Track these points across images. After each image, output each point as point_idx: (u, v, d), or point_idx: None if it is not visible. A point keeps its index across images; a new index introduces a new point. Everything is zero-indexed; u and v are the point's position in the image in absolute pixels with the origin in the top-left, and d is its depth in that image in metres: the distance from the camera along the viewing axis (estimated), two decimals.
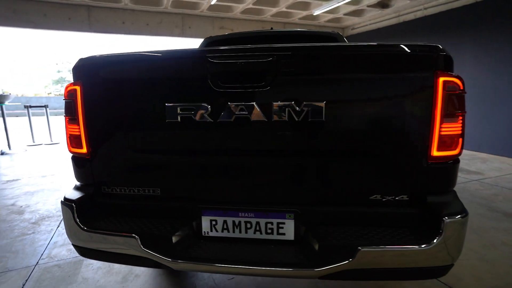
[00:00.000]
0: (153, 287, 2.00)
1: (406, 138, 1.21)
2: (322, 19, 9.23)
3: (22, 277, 2.12)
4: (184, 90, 1.24)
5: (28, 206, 3.45)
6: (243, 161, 1.30)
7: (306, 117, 1.16)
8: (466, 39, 6.50)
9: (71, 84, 1.36)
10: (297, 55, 1.19)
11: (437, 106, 1.15)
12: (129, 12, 7.66)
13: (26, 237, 2.72)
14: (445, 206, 1.19)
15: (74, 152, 1.44)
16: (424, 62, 1.16)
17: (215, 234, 1.35)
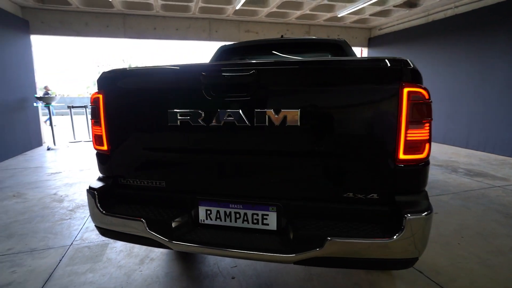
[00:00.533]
0: (165, 270, 2.27)
1: (376, 142, 1.34)
2: (347, 20, 9.16)
3: (59, 254, 2.49)
4: (182, 98, 1.47)
5: (67, 196, 3.92)
6: (231, 159, 1.51)
7: (283, 123, 1.34)
8: (499, 38, 6.18)
9: (96, 92, 1.65)
10: (275, 70, 1.37)
11: (402, 114, 1.27)
12: (160, 18, 8.16)
13: (64, 222, 3.13)
14: (410, 204, 1.31)
15: (97, 149, 1.73)
16: (391, 74, 1.28)
17: (210, 222, 1.57)
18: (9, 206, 3.56)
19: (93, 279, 2.15)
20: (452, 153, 6.48)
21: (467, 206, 3.42)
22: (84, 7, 7.27)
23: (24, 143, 6.81)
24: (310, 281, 2.11)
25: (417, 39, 8.30)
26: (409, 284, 2.06)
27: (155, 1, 6.98)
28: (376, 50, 10.06)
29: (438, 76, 7.67)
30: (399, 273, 2.19)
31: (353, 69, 1.34)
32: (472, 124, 6.85)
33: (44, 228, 2.97)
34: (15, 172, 5.09)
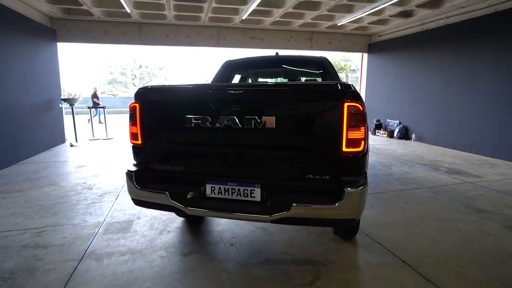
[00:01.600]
0: (179, 238, 2.90)
1: (327, 139, 1.94)
2: (348, 27, 9.70)
3: (95, 227, 3.15)
4: (196, 108, 2.10)
5: (94, 185, 4.61)
6: (230, 151, 2.13)
7: (264, 126, 1.96)
8: (485, 46, 6.66)
9: (134, 102, 2.29)
10: (257, 90, 1.99)
11: (344, 120, 1.87)
12: (173, 26, 8.86)
13: (95, 204, 3.81)
14: (350, 182, 1.90)
15: (133, 143, 2.37)
16: (337, 94, 1.88)
17: (214, 195, 2.20)
18: (49, 192, 4.26)
19: (124, 243, 2.81)
20: (440, 153, 6.98)
21: (436, 198, 3.98)
22: (105, 17, 8.01)
23: (50, 140, 7.57)
24: (291, 248, 2.72)
25: (413, 46, 8.79)
26: (368, 251, 2.64)
27: (169, 12, 7.67)
28: (375, 55, 10.57)
29: (432, 82, 8.16)
30: (362, 243, 2.78)
31: (313, 90, 1.95)
32: (461, 127, 7.34)
33: (80, 209, 3.65)
34: (47, 165, 5.82)
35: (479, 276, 2.28)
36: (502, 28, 6.34)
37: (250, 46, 9.65)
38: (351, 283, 2.21)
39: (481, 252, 2.63)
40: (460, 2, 6.79)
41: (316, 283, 2.20)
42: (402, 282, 2.21)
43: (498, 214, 3.46)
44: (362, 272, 2.35)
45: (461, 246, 2.73)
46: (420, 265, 2.43)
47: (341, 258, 2.53)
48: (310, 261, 2.50)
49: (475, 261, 2.50)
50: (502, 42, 6.33)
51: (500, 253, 2.63)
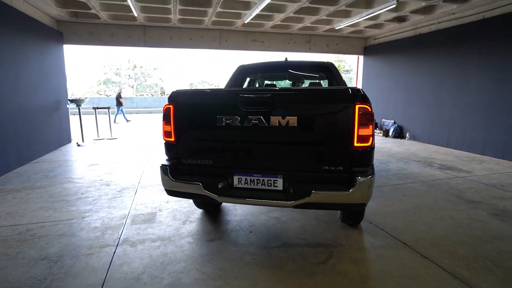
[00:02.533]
0: (202, 227, 3.21)
1: (341, 136, 2.28)
2: (345, 31, 10.09)
3: (122, 218, 3.44)
4: (227, 109, 2.41)
5: (111, 181, 4.87)
6: (256, 147, 2.45)
7: (287, 124, 2.28)
8: (474, 50, 7.11)
9: (168, 104, 2.59)
10: (282, 94, 2.32)
11: (356, 120, 2.21)
12: (176, 29, 9.13)
13: (117, 199, 4.09)
14: (360, 172, 2.24)
15: (166, 140, 2.67)
16: (349, 97, 2.22)
17: (241, 186, 2.51)
18: (70, 188, 4.52)
19: (153, 231, 3.10)
20: (433, 151, 7.40)
21: (430, 191, 4.35)
22: (111, 20, 8.24)
23: (58, 140, 7.78)
24: (304, 234, 3.05)
25: (407, 50, 9.22)
26: (372, 235, 2.99)
27: (174, 15, 7.94)
28: (371, 57, 10.98)
29: (425, 83, 8.60)
30: (366, 229, 3.13)
31: (330, 94, 2.29)
32: (452, 126, 7.78)
33: (103, 202, 3.92)
34: (59, 164, 6.06)
35: (468, 254, 2.65)
36: (489, 33, 6.78)
37: (251, 48, 9.97)
38: (359, 261, 2.55)
39: (470, 235, 3.00)
40: (451, 9, 7.21)
41: (329, 262, 2.53)
42: (403, 260, 2.56)
43: (485, 204, 3.85)
44: (369, 252, 2.69)
45: (453, 231, 3.10)
46: (417, 246, 2.78)
47: (350, 241, 2.87)
48: (322, 244, 2.83)
49: (465, 242, 2.86)
50: (489, 46, 6.77)
51: (486, 235, 3.00)
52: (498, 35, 6.60)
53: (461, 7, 7.08)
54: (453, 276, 2.33)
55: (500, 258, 2.59)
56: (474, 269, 2.43)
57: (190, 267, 2.46)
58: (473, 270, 2.41)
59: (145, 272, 2.39)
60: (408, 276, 2.34)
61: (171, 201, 3.95)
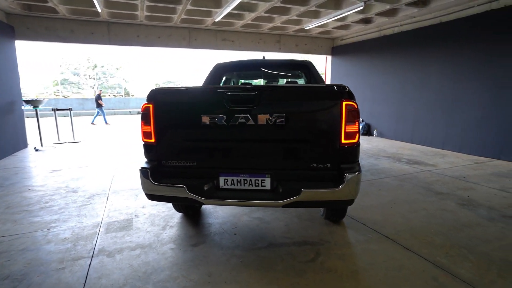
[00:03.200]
0: (183, 232, 3.07)
1: (329, 133, 2.28)
2: (314, 31, 10.31)
3: (95, 227, 3.19)
4: (211, 107, 2.32)
5: (78, 188, 4.52)
6: (243, 146, 2.38)
7: (275, 122, 2.24)
8: (433, 52, 7.60)
9: (147, 103, 2.43)
10: (269, 91, 2.27)
11: (343, 117, 2.22)
12: (143, 27, 8.74)
13: (87, 206, 3.79)
14: (348, 169, 2.26)
15: (146, 141, 2.51)
16: (336, 94, 2.23)
17: (227, 187, 2.43)
18: (31, 197, 4.12)
19: (131, 239, 2.91)
20: (399, 147, 7.80)
21: (402, 185, 4.56)
22: (71, 15, 7.68)
23: (13, 145, 7.10)
24: (289, 232, 3.03)
25: (372, 50, 9.64)
26: (355, 231, 3.05)
27: (141, 12, 7.59)
28: (338, 57, 11.34)
29: (389, 83, 9.04)
30: (349, 224, 3.19)
31: (317, 91, 2.28)
32: (415, 123, 8.25)
33: (72, 211, 3.62)
34: (16, 170, 5.51)
35: (444, 243, 2.79)
36: (445, 36, 7.29)
37: (221, 47, 9.84)
38: (346, 256, 2.58)
39: (443, 225, 3.17)
40: (412, 12, 7.64)
41: (318, 259, 2.53)
42: (387, 252, 2.63)
43: (452, 195, 4.11)
44: (354, 247, 2.73)
45: (427, 222, 3.26)
46: (398, 238, 2.88)
47: (335, 238, 2.90)
48: (308, 242, 2.83)
49: (440, 232, 3.02)
50: (446, 48, 7.27)
51: (457, 224, 3.19)
52: (453, 38, 7.11)
53: (421, 11, 7.53)
54: (435, 265, 2.43)
55: (472, 245, 2.76)
56: (451, 256, 2.56)
57: (175, 274, 2.33)
58: (451, 258, 2.54)
59: (127, 284, 2.22)
60: (394, 267, 2.40)
61: (148, 205, 3.75)
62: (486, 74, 6.50)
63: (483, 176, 5.06)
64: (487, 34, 6.44)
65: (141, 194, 4.17)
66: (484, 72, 6.53)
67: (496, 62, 6.30)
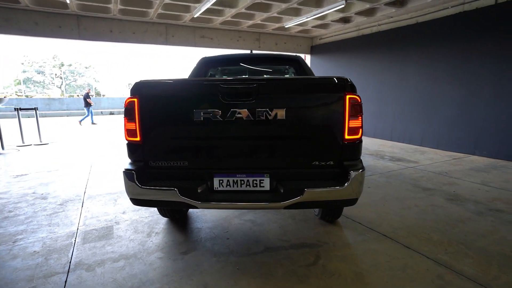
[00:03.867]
0: (171, 238, 2.82)
1: (332, 128, 2.14)
2: (293, 30, 10.27)
3: (70, 237, 2.86)
4: (205, 101, 2.10)
5: (48, 194, 4.10)
6: (239, 143, 2.19)
7: (275, 117, 2.07)
8: (411, 51, 7.79)
9: (130, 97, 2.17)
10: (269, 83, 2.10)
11: (346, 110, 2.10)
12: (117, 21, 8.26)
13: (59, 214, 3.42)
14: (352, 166, 2.14)
15: (130, 140, 2.24)
16: (339, 87, 2.10)
17: (222, 188, 2.22)
18: None
19: (112, 249, 2.62)
20: (380, 144, 7.92)
21: (390, 182, 4.56)
22: (35, 6, 7.06)
23: None
24: (285, 235, 2.87)
25: (351, 49, 9.76)
26: (352, 230, 2.95)
27: (114, 5, 7.14)
28: (317, 56, 11.40)
29: (368, 81, 9.17)
30: (344, 224, 3.09)
31: (319, 84, 2.14)
32: (395, 121, 8.43)
33: (41, 220, 3.24)
34: None
35: (442, 239, 2.76)
36: (422, 36, 7.49)
37: (200, 45, 9.54)
38: (348, 258, 2.46)
39: (437, 221, 3.16)
40: (390, 12, 7.79)
41: (319, 263, 2.39)
42: (388, 251, 2.55)
43: (439, 190, 4.15)
44: (354, 248, 2.63)
45: (421, 218, 3.23)
46: (396, 236, 2.82)
47: (332, 239, 2.78)
48: (306, 244, 2.69)
49: (435, 228, 2.99)
50: (423, 48, 7.48)
51: (450, 220, 3.19)
52: (429, 38, 7.31)
53: (398, 11, 7.69)
54: (437, 263, 2.37)
55: (468, 240, 2.74)
56: (451, 253, 2.52)
57: (167, 287, 2.10)
58: (451, 254, 2.50)
59: None
60: (398, 267, 2.32)
61: (129, 211, 3.45)
62: (460, 73, 6.74)
63: (463, 171, 5.20)
64: (461, 34, 6.67)
65: (120, 199, 3.84)
66: (459, 71, 6.77)
67: (469, 62, 6.54)
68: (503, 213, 3.38)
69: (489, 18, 6.20)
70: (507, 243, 2.69)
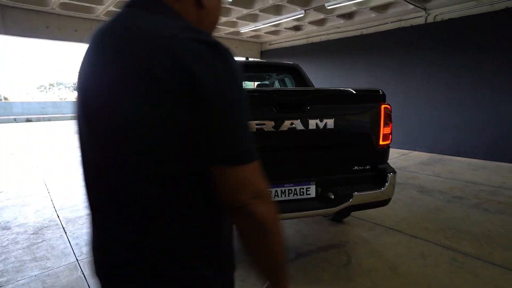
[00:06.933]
0: None
1: (370, 135, 2.32)
2: (245, 35, 10.43)
3: (73, 269, 2.45)
4: (258, 112, 2.06)
5: (8, 222, 3.40)
6: (289, 153, 2.20)
7: (325, 127, 2.15)
8: (357, 60, 8.67)
9: None
10: (320, 94, 2.17)
11: (382, 119, 2.30)
12: (55, 16, 7.22)
13: (39, 245, 2.89)
14: (387, 169, 2.35)
15: None
16: (376, 97, 2.29)
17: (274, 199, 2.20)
18: None
19: None
20: None
21: None
22: None
23: None
24: (306, 239, 2.96)
25: (300, 56, 10.35)
26: (361, 227, 3.19)
27: None
28: None
29: (317, 86, 9.86)
30: (351, 222, 3.32)
31: (361, 95, 2.30)
32: None
33: (21, 255, 2.69)
34: None
35: (436, 227, 3.19)
36: (367, 47, 8.40)
37: None
38: (374, 253, 2.67)
39: (422, 211, 3.63)
40: (338, 23, 8.55)
41: (352, 261, 2.55)
42: (402, 243, 2.85)
43: (407, 184, 4.74)
44: (373, 243, 2.86)
45: (409, 210, 3.67)
46: (400, 228, 3.16)
47: (350, 237, 2.98)
48: (331, 245, 2.82)
49: (425, 218, 3.44)
50: (368, 57, 8.40)
51: (431, 209, 3.70)
52: (373, 48, 8.25)
53: (346, 23, 8.49)
54: (445, 248, 2.75)
55: (455, 225, 3.23)
56: (450, 238, 2.94)
57: None
58: (451, 239, 2.92)
59: None
60: (418, 256, 2.62)
61: None
62: (400, 80, 7.77)
63: (415, 165, 6.02)
64: (399, 47, 7.70)
65: None
66: (398, 78, 7.79)
67: (405, 70, 7.60)
68: (464, 199, 4.05)
69: (421, 34, 7.31)
70: (482, 225, 3.25)
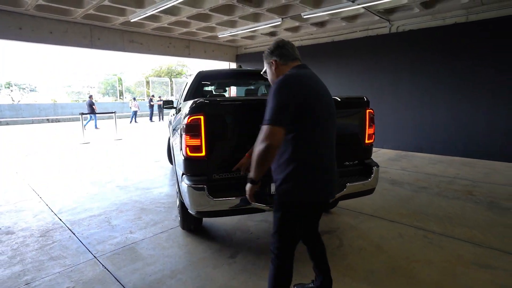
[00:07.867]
0: (206, 248, 2.93)
1: (357, 136, 2.77)
2: (221, 39, 10.69)
3: (94, 264, 2.63)
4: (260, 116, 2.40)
5: (9, 227, 3.43)
6: None
7: None
8: (328, 65, 9.31)
9: (195, 115, 2.28)
10: None
11: (366, 121, 2.76)
12: (28, 17, 7.00)
13: (52, 246, 2.99)
14: (371, 163, 2.82)
15: (193, 156, 2.33)
16: (362, 103, 2.75)
17: None
18: None
19: (157, 268, 2.58)
20: None
21: None
22: None
23: None
24: None
25: None
26: (347, 216, 3.66)
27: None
28: (242, 64, 12.11)
29: None
30: (337, 212, 3.78)
31: (352, 101, 2.74)
32: None
33: (36, 255, 2.80)
34: None
35: (408, 212, 3.74)
36: (338, 53, 9.08)
37: (130, 50, 8.94)
38: (361, 236, 3.13)
39: (396, 200, 4.19)
40: (311, 30, 9.13)
41: (344, 243, 2.98)
42: (383, 226, 3.35)
43: (380, 178, 5.33)
44: (359, 228, 3.32)
45: (385, 199, 4.22)
46: (380, 215, 3.67)
47: (340, 224, 3.43)
48: (325, 231, 3.24)
49: (399, 205, 4.00)
50: (338, 63, 9.08)
51: (403, 198, 4.27)
52: (343, 54, 8.94)
53: (318, 30, 9.10)
54: (417, 228, 3.29)
55: (423, 210, 3.81)
56: (420, 221, 3.49)
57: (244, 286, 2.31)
58: (421, 221, 3.47)
59: None
60: (397, 236, 3.12)
61: (135, 230, 3.29)
62: (367, 84, 8.51)
63: (384, 161, 6.71)
64: (366, 53, 8.44)
65: (112, 219, 3.57)
66: (366, 83, 8.53)
67: (373, 75, 8.36)
68: (428, 189, 4.70)
69: (386, 42, 8.09)
70: (444, 209, 3.86)
